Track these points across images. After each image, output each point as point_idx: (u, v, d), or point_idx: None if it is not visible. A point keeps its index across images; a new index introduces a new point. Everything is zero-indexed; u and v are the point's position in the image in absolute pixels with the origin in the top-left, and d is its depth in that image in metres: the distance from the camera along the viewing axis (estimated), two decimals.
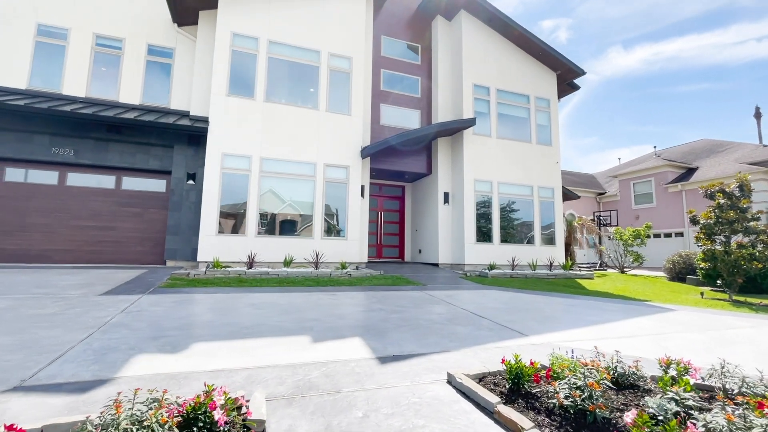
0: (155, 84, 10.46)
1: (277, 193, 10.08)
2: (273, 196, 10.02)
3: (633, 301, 7.82)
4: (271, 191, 9.99)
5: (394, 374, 3.29)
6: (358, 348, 3.95)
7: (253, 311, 5.39)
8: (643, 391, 2.98)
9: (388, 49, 13.25)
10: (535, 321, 5.50)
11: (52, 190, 9.26)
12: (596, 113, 78.75)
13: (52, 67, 9.64)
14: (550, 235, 13.31)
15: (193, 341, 3.94)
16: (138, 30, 10.40)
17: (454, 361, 3.71)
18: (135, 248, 9.70)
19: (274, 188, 10.03)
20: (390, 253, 14.62)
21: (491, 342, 4.37)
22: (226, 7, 9.99)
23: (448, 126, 11.80)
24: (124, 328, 4.25)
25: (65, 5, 9.87)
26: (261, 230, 9.75)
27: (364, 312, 5.60)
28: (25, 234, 8.94)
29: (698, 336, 5.03)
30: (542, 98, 13.90)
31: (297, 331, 4.47)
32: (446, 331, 4.74)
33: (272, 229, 9.91)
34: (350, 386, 3.01)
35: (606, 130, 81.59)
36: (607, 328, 5.27)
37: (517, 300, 7.23)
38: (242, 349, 3.78)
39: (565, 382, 2.65)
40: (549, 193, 13.49)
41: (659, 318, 6.13)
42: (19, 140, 8.90)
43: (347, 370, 3.35)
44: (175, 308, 5.30)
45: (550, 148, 13.76)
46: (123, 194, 9.78)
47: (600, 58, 74.90)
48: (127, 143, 9.64)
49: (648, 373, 3.26)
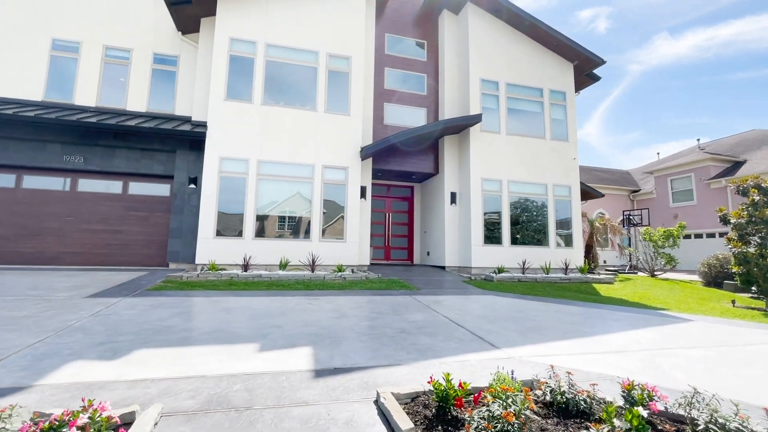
0: (161, 91, 10.80)
1: (275, 196, 10.08)
2: (270, 199, 10.03)
3: (645, 310, 7.09)
4: (269, 194, 10.01)
5: (322, 390, 3.04)
6: (302, 359, 3.73)
7: (222, 316, 5.31)
8: (594, 421, 2.56)
9: (393, 47, 12.98)
10: (517, 332, 5.04)
11: (64, 196, 9.75)
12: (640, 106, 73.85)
13: (66, 79, 10.18)
14: (566, 236, 12.49)
15: (139, 348, 3.88)
16: (145, 40, 10.79)
17: (398, 376, 3.41)
18: (141, 251, 10.03)
19: (271, 191, 10.04)
20: (398, 256, 14.32)
21: (454, 355, 4.02)
22: (224, 12, 10.14)
23: (451, 123, 11.36)
24: (81, 332, 4.27)
25: (78, 20, 10.40)
26: (258, 233, 9.77)
27: (335, 319, 5.38)
28: (40, 237, 9.46)
29: (704, 353, 4.40)
30: (557, 91, 13.09)
31: (251, 339, 4.32)
32: (410, 341, 4.42)
33: (269, 232, 9.92)
34: (265, 402, 2.80)
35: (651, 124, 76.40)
36: (598, 341, 4.74)
37: (512, 307, 6.74)
38: (181, 357, 3.67)
39: (485, 409, 2.29)
40: (565, 192, 12.67)
41: (666, 330, 5.47)
42: (34, 149, 9.44)
43: (274, 383, 3.14)
44: (147, 312, 5.32)
45: (566, 143, 12.93)
46: (130, 199, 10.15)
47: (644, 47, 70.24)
48: (132, 149, 9.99)
49: (614, 398, 2.81)
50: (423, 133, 10.88)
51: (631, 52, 71.95)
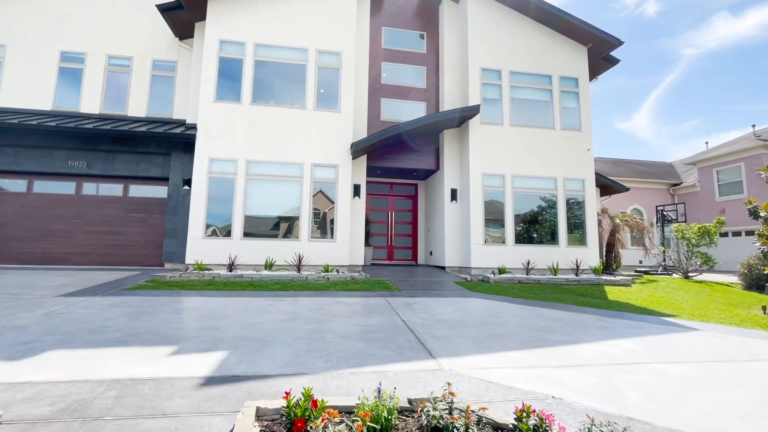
0: (159, 96, 11.13)
1: (263, 195, 10.04)
2: (259, 199, 10.00)
3: (647, 316, 6.25)
4: (257, 193, 9.99)
5: (195, 400, 2.78)
6: (208, 364, 3.49)
7: (169, 317, 5.22)
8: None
9: (390, 41, 12.60)
10: (473, 339, 4.54)
11: (70, 199, 10.28)
12: (697, 93, 67.31)
13: (72, 88, 10.75)
14: (579, 234, 11.50)
15: (57, 348, 3.82)
16: (144, 47, 11.17)
17: (297, 385, 3.07)
18: (141, 251, 10.36)
19: (260, 190, 10.01)
20: (402, 256, 13.89)
21: (378, 365, 3.62)
22: (214, 15, 10.25)
23: (443, 117, 10.79)
24: (14, 332, 4.30)
25: (84, 32, 10.96)
26: (246, 233, 9.77)
27: (282, 321, 5.12)
28: (49, 239, 10.02)
29: (687, 369, 3.69)
30: (568, 77, 12.11)
31: (177, 341, 4.15)
32: (341, 347, 4.07)
33: (258, 232, 9.89)
34: (121, 412, 2.57)
35: (710, 111, 69.56)
36: (562, 353, 4.14)
37: (488, 311, 6.17)
38: (90, 359, 3.55)
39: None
40: (578, 186, 11.67)
41: (654, 341, 4.71)
42: (42, 156, 10.03)
43: (152, 391, 2.92)
44: (100, 312, 5.34)
45: (579, 133, 11.92)
46: (130, 201, 10.52)
47: (700, 29, 64.11)
48: (132, 153, 10.35)
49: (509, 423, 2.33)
50: (413, 128, 10.41)
51: (685, 35, 65.77)
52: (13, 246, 9.83)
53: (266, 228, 9.99)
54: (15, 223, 9.94)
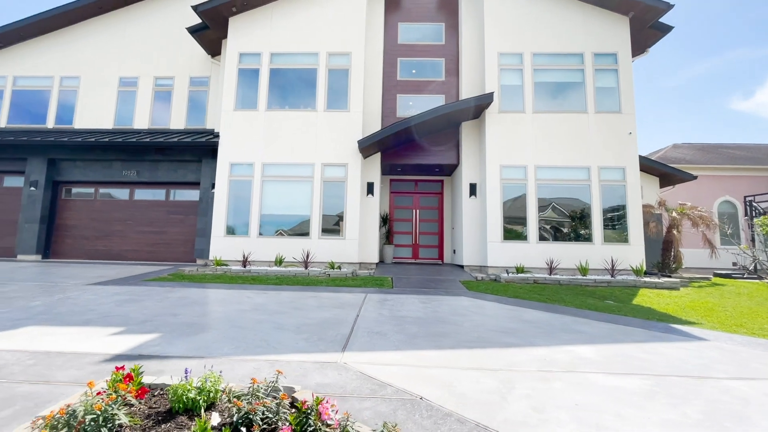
0: (195, 109, 12.39)
1: (277, 196, 10.57)
2: (273, 199, 10.55)
3: (654, 323, 5.26)
4: (272, 194, 10.54)
5: (85, 372, 3.08)
6: (130, 344, 3.82)
7: (147, 304, 5.74)
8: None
9: (407, 35, 12.40)
10: (407, 336, 4.30)
11: (125, 204, 11.91)
12: None
13: (128, 108, 12.47)
14: (618, 230, 10.10)
15: (34, 325, 4.45)
16: (183, 66, 12.53)
17: (191, 366, 3.20)
18: (179, 248, 11.61)
19: (274, 191, 10.56)
20: (428, 254, 13.52)
21: (279, 354, 3.63)
22: (235, 31, 11.10)
23: (453, 107, 10.26)
24: (19, 311, 5.12)
25: (137, 59, 12.66)
26: (261, 231, 10.36)
27: (240, 312, 5.35)
28: (109, 238, 11.73)
29: (624, 383, 3.07)
30: (605, 54, 10.73)
31: (127, 324, 4.55)
32: (262, 337, 4.15)
33: (272, 230, 10.42)
34: (18, 377, 2.95)
35: None
36: (493, 355, 3.72)
37: (460, 310, 5.76)
38: (45, 335, 4.08)
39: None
40: (616, 175, 10.27)
41: (625, 349, 3.97)
42: (104, 167, 11.79)
43: (60, 362, 3.29)
44: (100, 298, 6.11)
45: (618, 116, 10.49)
46: (171, 204, 11.85)
47: None
48: (171, 162, 11.66)
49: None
50: (421, 122, 10.08)
51: None
52: (83, 244, 11.71)
53: (279, 226, 10.50)
54: (85, 225, 11.83)
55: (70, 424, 1.91)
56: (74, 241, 11.78)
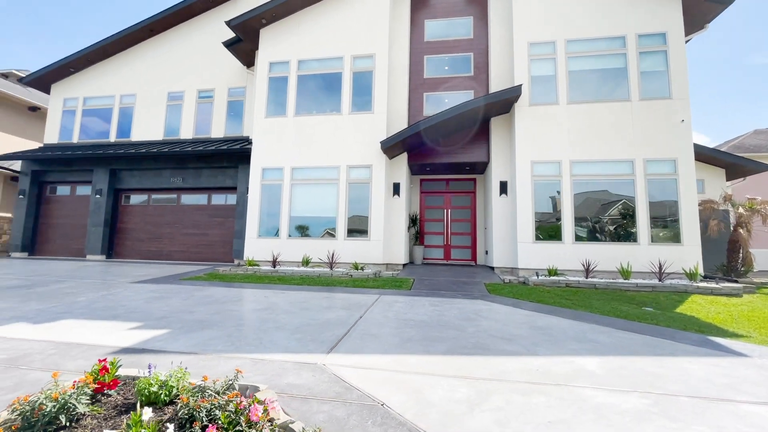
0: (233, 118, 13.15)
1: (305, 198, 10.88)
2: (302, 202, 10.87)
3: (689, 334, 4.64)
4: (300, 197, 10.87)
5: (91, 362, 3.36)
6: (141, 338, 4.14)
7: (172, 301, 6.17)
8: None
9: (434, 32, 12.16)
10: (402, 340, 4.21)
11: (173, 209, 12.96)
12: None
13: (175, 120, 13.56)
14: (669, 228, 9.08)
15: (70, 318, 4.99)
16: (222, 79, 13.36)
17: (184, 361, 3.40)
18: (219, 249, 12.39)
19: (302, 194, 10.88)
20: (460, 255, 13.14)
21: (265, 353, 3.72)
22: (265, 42, 11.63)
23: (475, 104, 9.81)
24: (64, 305, 5.76)
25: (182, 74, 13.72)
26: (291, 233, 10.73)
27: (252, 311, 5.59)
28: (160, 240, 12.84)
29: (616, 401, 2.75)
30: (652, 34, 9.72)
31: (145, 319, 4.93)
32: (258, 336, 4.29)
33: (300, 232, 10.75)
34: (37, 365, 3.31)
35: None
36: (482, 363, 3.52)
37: (470, 315, 5.51)
38: (75, 327, 4.56)
39: None
40: (666, 168, 9.24)
41: (640, 363, 3.54)
42: (155, 175, 12.93)
43: (75, 353, 3.64)
44: (135, 294, 6.69)
45: (668, 102, 9.44)
46: (212, 208, 12.69)
47: None
48: (211, 168, 12.49)
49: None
50: (440, 121, 9.81)
51: None
52: (138, 245, 12.93)
53: (307, 228, 10.79)
54: (140, 228, 13.06)
55: (32, 411, 2.10)
56: (132, 242, 13.06)
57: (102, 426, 2.21)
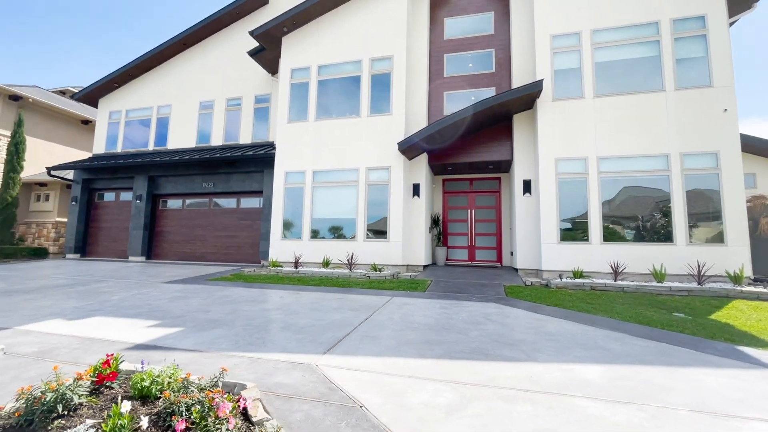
0: (260, 124, 13.65)
1: (326, 201, 11.08)
2: (322, 204, 11.08)
3: (718, 343, 4.25)
4: (321, 199, 11.09)
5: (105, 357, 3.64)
6: (155, 335, 4.41)
7: (193, 300, 6.52)
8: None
9: (454, 30, 11.98)
10: (400, 342, 4.20)
11: (205, 212, 13.65)
12: None
13: (206, 128, 14.29)
14: (711, 227, 8.37)
15: (100, 316, 5.41)
16: (249, 87, 13.92)
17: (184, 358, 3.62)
18: (247, 251, 12.90)
19: (323, 196, 11.09)
20: (485, 257, 12.83)
21: (261, 352, 3.86)
22: (287, 50, 11.98)
23: (495, 101, 9.52)
24: (98, 303, 6.25)
25: (212, 84, 14.43)
26: (312, 235, 10.97)
27: (263, 311, 5.78)
28: (193, 242, 13.57)
29: (608, 412, 2.59)
30: (688, 18, 9.02)
31: (164, 318, 5.25)
32: (260, 335, 4.44)
33: (321, 233, 10.96)
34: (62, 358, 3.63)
35: None
36: (476, 369, 3.45)
37: (478, 319, 5.39)
38: (102, 324, 4.95)
39: None
40: (707, 162, 8.53)
41: (648, 373, 3.31)
42: (189, 181, 13.69)
43: (96, 347, 3.95)
44: (161, 294, 7.13)
45: (708, 91, 8.72)
46: (240, 211, 13.24)
47: None
48: (240, 173, 13.04)
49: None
50: (458, 120, 9.63)
51: None
52: (174, 247, 13.75)
53: (328, 230, 10.99)
54: (175, 231, 13.87)
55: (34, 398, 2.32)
56: (168, 245, 13.91)
57: (96, 416, 2.39)
